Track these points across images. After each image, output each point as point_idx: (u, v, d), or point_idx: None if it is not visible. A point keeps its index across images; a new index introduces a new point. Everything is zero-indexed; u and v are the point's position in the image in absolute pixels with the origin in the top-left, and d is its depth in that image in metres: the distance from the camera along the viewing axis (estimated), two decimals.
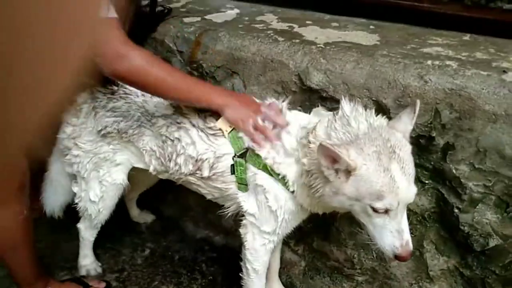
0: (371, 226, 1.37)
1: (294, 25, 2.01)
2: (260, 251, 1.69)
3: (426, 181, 1.68)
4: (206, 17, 2.15)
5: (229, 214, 1.77)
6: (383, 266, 1.86)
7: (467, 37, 1.82)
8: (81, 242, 2.15)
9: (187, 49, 2.04)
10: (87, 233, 2.11)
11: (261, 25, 2.03)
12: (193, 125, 1.64)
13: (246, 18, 2.12)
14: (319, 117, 1.50)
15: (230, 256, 2.24)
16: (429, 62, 1.60)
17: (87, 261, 2.17)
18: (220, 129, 1.61)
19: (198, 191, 1.80)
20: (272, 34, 1.91)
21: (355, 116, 1.41)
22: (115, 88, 1.81)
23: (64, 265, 2.23)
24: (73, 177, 1.98)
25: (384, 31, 1.92)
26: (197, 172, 1.67)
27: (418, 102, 1.40)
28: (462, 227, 1.62)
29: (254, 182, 1.58)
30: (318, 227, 1.99)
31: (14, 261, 1.82)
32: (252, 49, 1.87)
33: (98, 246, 2.28)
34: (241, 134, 1.58)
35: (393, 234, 1.32)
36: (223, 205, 1.77)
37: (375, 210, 1.30)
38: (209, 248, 2.33)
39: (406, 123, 1.40)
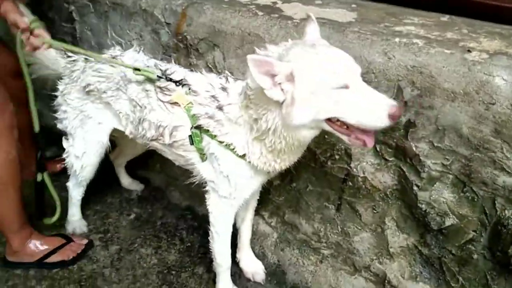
0: (351, 112, 1.29)
1: (278, 1, 2.04)
2: (221, 215, 1.77)
3: (389, 159, 1.70)
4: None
5: (196, 181, 1.85)
6: (347, 241, 1.89)
7: (445, 18, 1.81)
8: (70, 201, 2.27)
9: (174, 21, 2.10)
10: (74, 191, 2.22)
11: (247, 0, 2.07)
12: (156, 93, 1.73)
13: None
14: None
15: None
16: (397, 39, 1.61)
17: (74, 219, 2.29)
18: (176, 102, 1.69)
19: (168, 157, 1.89)
20: (253, 8, 1.95)
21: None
22: (104, 54, 1.92)
23: (54, 223, 2.35)
24: (64, 133, 2.10)
25: (363, 9, 1.92)
26: (160, 138, 1.76)
27: (311, 14, 1.45)
28: (420, 205, 1.64)
29: (209, 151, 1.66)
30: (289, 201, 2.04)
31: (1, 203, 1.91)
32: (232, 22, 1.92)
33: (88, 208, 2.40)
34: (194, 111, 1.64)
35: (374, 102, 1.27)
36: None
37: (337, 88, 1.28)
38: (191, 217, 2.41)
39: (312, 31, 1.43)
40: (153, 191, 2.59)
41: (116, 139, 2.19)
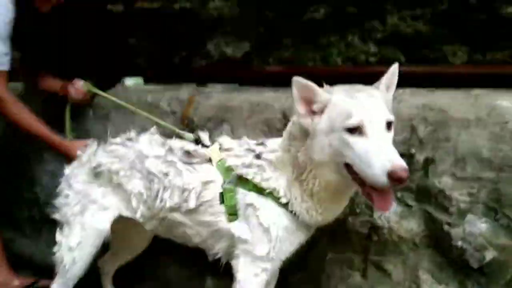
0: (357, 160, 1.27)
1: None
2: (251, 283, 1.55)
3: (412, 204, 1.67)
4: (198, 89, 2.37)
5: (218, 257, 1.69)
6: None
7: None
8: None
9: (180, 109, 2.20)
10: None
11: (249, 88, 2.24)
12: (180, 160, 1.71)
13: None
14: None
15: None
16: (401, 90, 1.76)
17: None
18: (209, 158, 1.67)
19: (184, 236, 1.75)
20: (259, 88, 2.11)
21: None
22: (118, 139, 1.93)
23: None
24: (59, 225, 1.93)
25: None
26: (183, 204, 1.66)
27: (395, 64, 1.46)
28: (455, 243, 1.56)
29: (245, 202, 1.56)
30: (308, 279, 1.87)
31: None
32: (240, 98, 2.04)
33: None
34: (229, 163, 1.62)
35: (378, 155, 1.22)
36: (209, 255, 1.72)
37: (350, 131, 1.27)
38: None
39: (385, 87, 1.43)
40: None
41: (111, 240, 2.00)
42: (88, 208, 1.85)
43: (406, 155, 1.65)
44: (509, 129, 1.50)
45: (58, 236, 1.90)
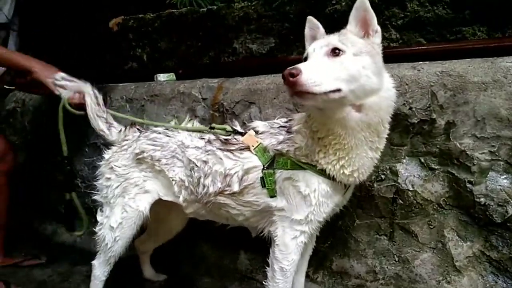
0: None
1: None
2: (290, 246, 1.63)
3: (436, 167, 1.74)
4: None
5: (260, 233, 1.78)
6: (407, 269, 1.75)
7: None
8: (92, 283, 2.08)
9: (211, 95, 2.33)
10: (100, 269, 2.04)
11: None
12: (219, 149, 1.79)
13: None
14: None
15: None
16: (420, 62, 1.84)
17: None
18: (246, 145, 1.74)
19: (227, 217, 1.84)
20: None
21: None
22: (160, 128, 2.04)
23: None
24: (100, 205, 2.07)
25: None
26: (227, 188, 1.74)
27: None
28: (478, 200, 1.62)
29: (282, 178, 1.63)
30: (336, 245, 1.95)
31: None
32: (266, 81, 2.16)
33: None
34: (266, 143, 1.69)
35: None
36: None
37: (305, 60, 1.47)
38: None
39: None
40: (179, 280, 2.40)
41: (148, 221, 2.12)
42: (129, 190, 1.94)
43: (428, 121, 1.73)
44: None
45: (99, 217, 2.00)
